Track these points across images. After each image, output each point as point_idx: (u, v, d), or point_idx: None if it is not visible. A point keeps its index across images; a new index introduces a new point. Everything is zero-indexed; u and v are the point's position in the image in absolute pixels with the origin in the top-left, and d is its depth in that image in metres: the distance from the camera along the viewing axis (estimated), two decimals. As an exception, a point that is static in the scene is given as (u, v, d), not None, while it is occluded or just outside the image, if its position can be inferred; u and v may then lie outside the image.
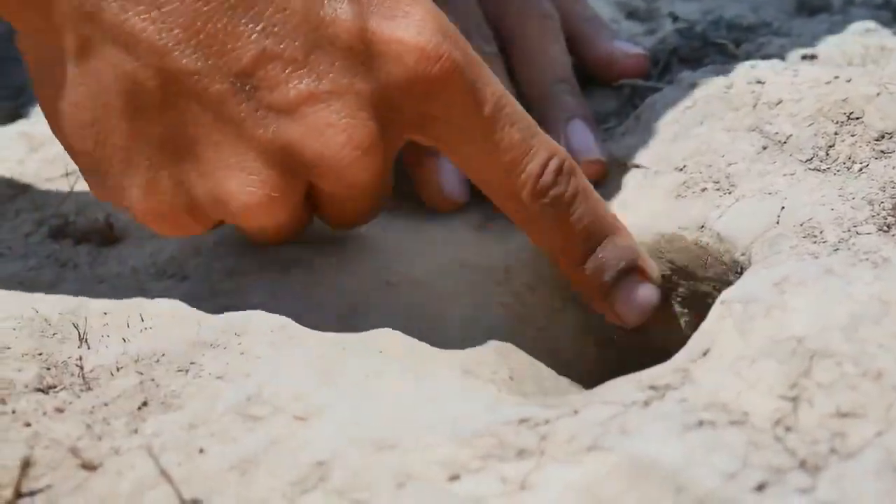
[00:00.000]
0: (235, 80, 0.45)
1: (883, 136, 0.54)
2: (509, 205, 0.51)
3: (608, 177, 0.60)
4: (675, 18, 0.72)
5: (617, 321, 0.53)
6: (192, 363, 0.47)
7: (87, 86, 0.46)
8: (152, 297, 0.51)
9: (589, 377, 0.55)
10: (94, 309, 0.51)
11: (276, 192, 0.47)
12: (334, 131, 0.46)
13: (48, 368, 0.47)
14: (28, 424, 0.44)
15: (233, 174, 0.47)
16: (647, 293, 0.53)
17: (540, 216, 0.50)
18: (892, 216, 0.49)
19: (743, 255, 0.51)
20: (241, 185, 0.47)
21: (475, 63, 0.48)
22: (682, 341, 0.48)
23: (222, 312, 0.50)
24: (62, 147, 0.49)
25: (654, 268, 0.54)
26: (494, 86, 0.49)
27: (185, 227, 0.49)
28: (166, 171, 0.47)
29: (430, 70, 0.47)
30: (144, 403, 0.45)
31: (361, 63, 0.46)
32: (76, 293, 0.52)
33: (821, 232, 0.49)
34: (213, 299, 0.51)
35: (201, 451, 0.42)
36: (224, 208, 0.47)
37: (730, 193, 0.54)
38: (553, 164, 0.50)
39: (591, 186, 0.52)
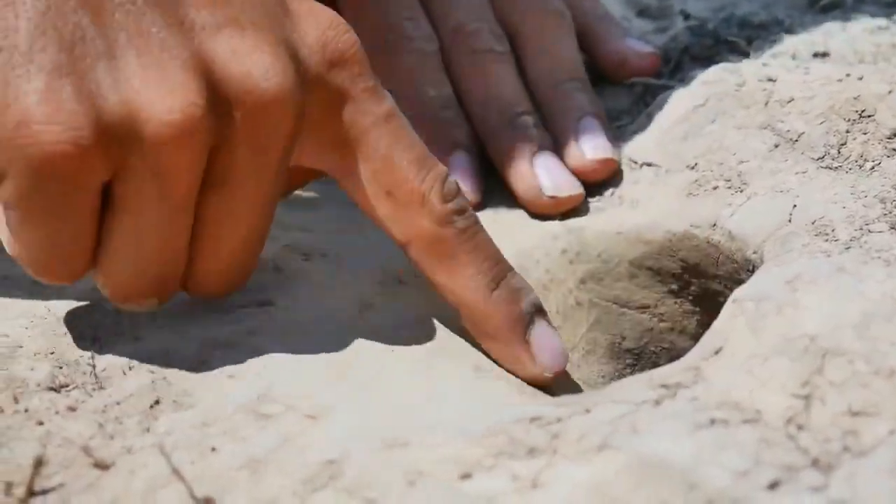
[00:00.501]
0: None
1: (895, 134, 0.53)
2: (414, 213, 0.47)
3: (619, 175, 0.59)
4: (687, 16, 0.72)
5: (527, 368, 0.49)
6: (203, 362, 0.47)
7: None
8: (164, 295, 0.51)
9: (600, 375, 0.55)
10: (105, 307, 0.51)
11: (200, 100, 0.42)
12: (261, 55, 0.44)
13: (60, 367, 0.47)
14: (41, 423, 0.44)
15: (155, 78, 0.42)
16: (559, 340, 0.49)
17: (449, 224, 0.47)
18: (905, 214, 0.49)
19: (755, 253, 0.51)
20: (164, 91, 0.42)
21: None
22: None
23: (234, 310, 0.50)
24: None
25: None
26: (389, 95, 0.48)
27: (79, 160, 0.41)
28: (74, 75, 0.42)
29: (340, 37, 0.46)
30: (156, 402, 0.45)
31: (278, 15, 0.46)
32: (88, 291, 0.52)
33: (833, 230, 0.49)
34: (224, 297, 0.51)
35: (213, 449, 0.42)
36: (140, 122, 0.42)
37: (741, 191, 0.54)
38: (454, 179, 0.48)
39: None
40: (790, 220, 0.51)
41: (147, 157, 0.42)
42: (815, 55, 0.64)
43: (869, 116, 0.54)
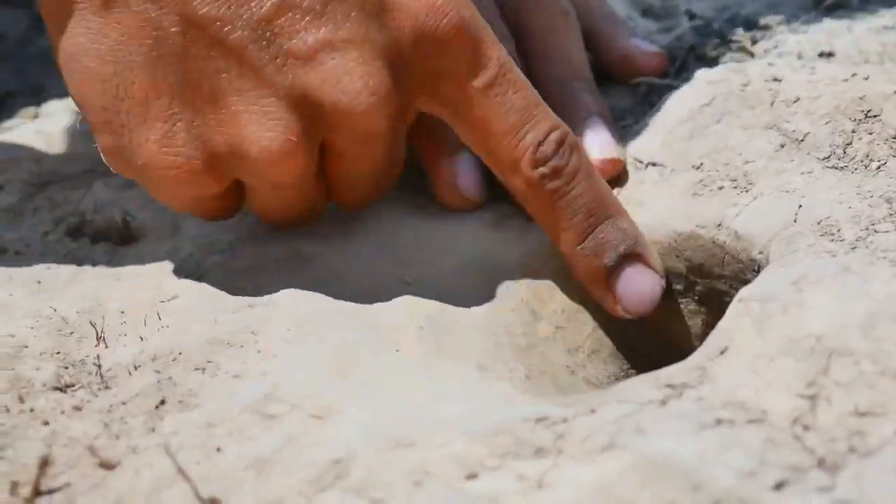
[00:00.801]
0: (256, 27, 0.47)
1: (901, 134, 0.53)
2: (509, 175, 0.51)
3: (624, 175, 0.59)
4: (692, 16, 0.72)
5: (617, 312, 0.53)
6: (208, 361, 0.47)
7: (109, 37, 0.47)
8: (169, 294, 0.51)
9: (606, 375, 0.54)
10: (111, 307, 0.51)
11: (295, 136, 0.48)
12: (351, 78, 0.47)
13: (66, 367, 0.47)
14: (46, 423, 0.44)
15: (253, 119, 0.48)
16: (651, 282, 0.53)
17: (539, 187, 0.51)
18: (911, 214, 0.49)
19: (760, 253, 0.51)
20: (262, 129, 0.47)
21: (482, 26, 0.50)
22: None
23: (239, 310, 0.50)
24: (79, 145, 0.50)
25: (656, 257, 0.53)
26: (500, 51, 0.51)
27: (200, 184, 0.49)
28: (184, 121, 0.48)
29: (439, 24, 0.49)
30: (162, 402, 0.45)
31: (375, 15, 0.48)
32: (94, 292, 0.52)
33: (838, 230, 0.49)
34: (229, 297, 0.51)
35: (219, 449, 0.42)
36: (243, 156, 0.48)
37: (747, 191, 0.54)
38: (554, 136, 0.51)
39: (594, 167, 0.53)
40: (796, 221, 0.51)
41: (256, 175, 0.49)
42: (821, 55, 0.63)
43: (875, 116, 0.54)
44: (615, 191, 0.59)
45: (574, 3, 0.66)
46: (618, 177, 0.59)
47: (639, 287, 0.52)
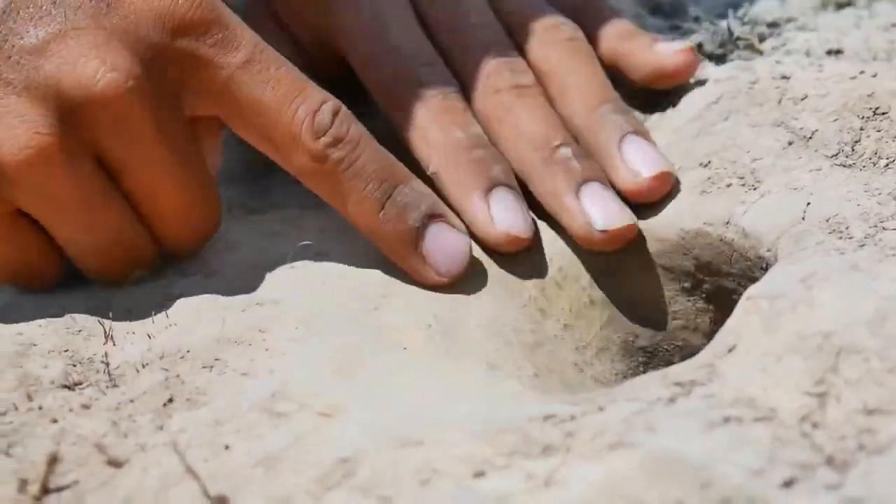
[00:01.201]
0: None
1: (909, 131, 0.53)
2: (291, 153, 0.50)
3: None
4: (700, 14, 0.72)
5: (430, 276, 0.51)
6: (216, 359, 0.47)
7: None
8: (177, 293, 0.51)
9: (614, 373, 0.54)
10: (119, 306, 0.51)
11: (43, 129, 0.46)
12: (86, 59, 0.47)
13: (74, 365, 0.47)
14: (54, 421, 0.45)
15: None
16: (458, 239, 0.52)
17: (324, 159, 0.50)
18: (919, 211, 0.49)
19: (769, 250, 0.51)
20: (7, 130, 0.46)
21: (228, 11, 0.49)
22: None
23: (246, 309, 0.50)
24: None
25: (457, 219, 0.52)
26: (251, 31, 0.50)
27: None
28: None
29: (177, 5, 0.48)
30: (170, 400, 0.45)
31: (107, 5, 0.48)
32: (102, 290, 0.52)
33: (847, 227, 0.49)
34: (237, 295, 0.51)
35: (227, 447, 0.42)
36: None
37: (755, 189, 0.54)
38: (328, 106, 0.50)
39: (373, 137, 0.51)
40: (804, 218, 0.51)
41: (25, 188, 0.47)
42: (829, 52, 0.63)
43: (883, 114, 0.54)
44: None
45: (582, 28, 0.62)
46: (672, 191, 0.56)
47: (448, 246, 0.51)
